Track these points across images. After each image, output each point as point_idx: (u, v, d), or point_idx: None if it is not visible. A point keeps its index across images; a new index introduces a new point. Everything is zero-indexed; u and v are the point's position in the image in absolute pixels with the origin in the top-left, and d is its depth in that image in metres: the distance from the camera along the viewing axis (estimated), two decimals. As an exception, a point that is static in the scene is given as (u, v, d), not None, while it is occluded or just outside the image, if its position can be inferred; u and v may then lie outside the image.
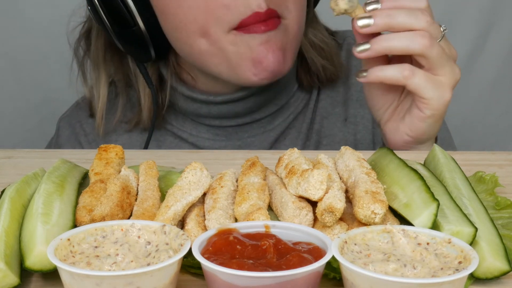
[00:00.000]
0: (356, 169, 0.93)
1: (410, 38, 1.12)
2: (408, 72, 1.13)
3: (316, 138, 1.47)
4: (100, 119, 1.47)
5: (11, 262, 0.81)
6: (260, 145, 1.46)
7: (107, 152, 1.03)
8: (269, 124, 1.46)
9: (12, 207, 0.89)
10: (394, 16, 1.11)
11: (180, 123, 1.48)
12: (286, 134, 1.47)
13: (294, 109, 1.48)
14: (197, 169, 0.92)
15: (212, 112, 1.44)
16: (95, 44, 1.46)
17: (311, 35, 1.45)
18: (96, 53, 1.46)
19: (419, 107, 1.17)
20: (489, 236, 0.84)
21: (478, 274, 0.81)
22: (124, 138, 1.49)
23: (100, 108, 1.47)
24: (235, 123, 1.45)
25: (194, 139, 1.47)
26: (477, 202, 0.91)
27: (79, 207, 0.90)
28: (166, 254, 0.76)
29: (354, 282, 0.73)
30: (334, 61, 1.47)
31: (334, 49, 1.48)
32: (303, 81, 1.47)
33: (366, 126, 1.48)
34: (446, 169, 0.98)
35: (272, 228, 0.82)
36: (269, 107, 1.45)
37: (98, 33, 1.45)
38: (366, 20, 1.11)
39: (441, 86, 1.15)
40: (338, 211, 0.82)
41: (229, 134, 1.46)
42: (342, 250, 0.76)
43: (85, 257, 0.77)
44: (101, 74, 1.46)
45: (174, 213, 0.85)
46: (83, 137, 1.51)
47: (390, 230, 0.80)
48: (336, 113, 1.49)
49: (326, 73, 1.47)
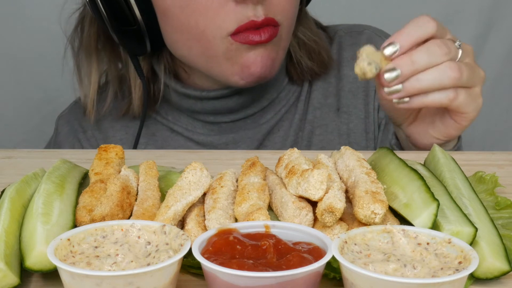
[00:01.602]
0: (356, 169, 0.93)
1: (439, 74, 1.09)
2: (452, 94, 1.11)
3: (309, 128, 1.50)
4: (91, 105, 1.49)
5: (11, 262, 0.81)
6: (254, 138, 1.49)
7: (107, 152, 1.03)
8: (261, 118, 1.49)
9: (12, 207, 0.89)
10: (417, 61, 1.08)
11: (176, 118, 1.50)
12: (279, 126, 1.50)
13: (285, 103, 1.50)
14: (197, 169, 0.92)
15: (206, 108, 1.46)
16: (88, 31, 1.48)
17: (300, 34, 1.48)
18: (88, 40, 1.48)
19: (455, 120, 1.18)
20: (489, 236, 0.84)
21: (478, 274, 0.81)
22: (121, 133, 1.51)
23: (91, 95, 1.49)
24: (228, 119, 1.48)
25: (190, 134, 1.50)
26: (477, 202, 0.91)
27: (79, 207, 0.90)
28: (166, 254, 0.76)
29: (354, 282, 0.73)
30: (323, 57, 1.49)
31: (322, 44, 1.51)
32: (292, 75, 1.50)
33: (359, 115, 1.50)
34: (446, 169, 0.98)
35: (272, 228, 0.82)
36: (261, 101, 1.48)
37: (91, 21, 1.47)
38: (393, 73, 1.07)
39: (476, 96, 1.15)
40: (338, 211, 0.82)
41: (223, 129, 1.49)
42: (342, 250, 0.76)
43: (85, 257, 0.77)
44: (93, 61, 1.48)
45: (174, 213, 0.85)
46: (82, 134, 1.53)
47: (390, 230, 0.80)
48: (329, 103, 1.51)
49: (313, 73, 1.50)
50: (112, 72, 1.50)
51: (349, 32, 1.57)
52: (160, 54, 1.44)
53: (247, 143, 1.48)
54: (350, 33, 1.57)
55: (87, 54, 1.48)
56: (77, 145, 1.52)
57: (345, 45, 1.55)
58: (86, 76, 1.49)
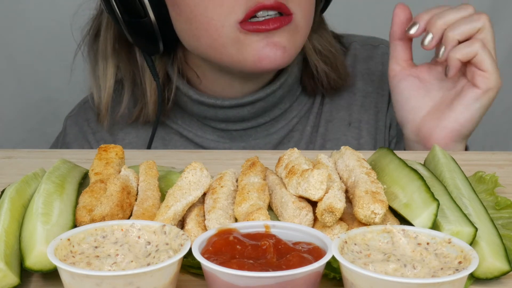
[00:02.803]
0: (356, 169, 0.93)
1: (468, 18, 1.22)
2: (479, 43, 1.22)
3: (320, 141, 1.48)
4: (105, 110, 1.48)
5: (11, 262, 0.81)
6: (264, 148, 1.47)
7: (107, 152, 1.03)
8: (272, 128, 1.48)
9: (12, 207, 0.89)
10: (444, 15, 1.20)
11: (187, 123, 1.49)
12: (290, 137, 1.48)
13: (297, 113, 1.49)
14: (197, 169, 0.92)
15: (218, 116, 1.45)
16: (104, 34, 1.47)
17: (315, 42, 1.46)
18: (105, 44, 1.47)
19: (476, 83, 1.23)
20: (489, 236, 0.84)
21: (478, 274, 0.81)
22: (131, 136, 1.49)
23: (105, 100, 1.47)
24: (240, 127, 1.46)
25: (199, 140, 1.48)
26: (477, 202, 0.91)
27: (79, 207, 0.90)
28: (166, 254, 0.76)
29: (354, 282, 0.73)
30: (338, 70, 1.48)
31: (339, 57, 1.49)
32: (306, 86, 1.48)
33: (370, 131, 1.49)
34: (446, 169, 0.98)
35: (272, 228, 0.82)
36: (274, 111, 1.46)
37: (108, 25, 1.46)
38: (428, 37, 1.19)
39: (496, 68, 1.25)
40: (338, 211, 0.82)
41: (233, 137, 1.47)
42: (342, 250, 0.76)
43: (85, 257, 0.77)
44: (109, 65, 1.47)
45: (174, 213, 0.85)
46: (91, 135, 1.51)
47: (390, 230, 0.80)
48: (340, 117, 1.49)
49: (330, 81, 1.47)
50: (127, 77, 1.48)
51: (364, 45, 1.55)
52: (175, 55, 1.44)
53: None
54: (366, 46, 1.55)
55: (103, 59, 1.47)
56: (86, 146, 1.52)
57: (360, 58, 1.53)
58: (102, 81, 1.48)
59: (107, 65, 1.47)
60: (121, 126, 1.50)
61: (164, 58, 1.45)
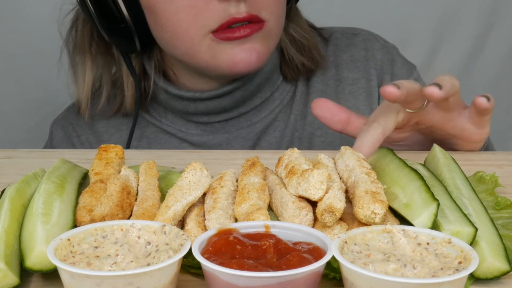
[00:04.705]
0: (356, 169, 0.93)
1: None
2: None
3: (309, 129, 1.50)
4: (85, 104, 1.51)
5: (11, 262, 0.81)
6: (247, 137, 1.49)
7: (107, 152, 1.03)
8: (255, 117, 1.50)
9: (12, 207, 0.89)
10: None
11: (170, 120, 1.52)
12: (274, 126, 1.51)
13: (279, 102, 1.51)
14: (197, 169, 0.92)
15: (199, 109, 1.47)
16: (81, 30, 1.50)
17: (291, 31, 1.49)
18: (82, 40, 1.50)
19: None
20: (489, 236, 0.84)
21: (478, 274, 0.81)
22: (116, 137, 1.52)
23: (85, 94, 1.51)
24: (222, 118, 1.49)
25: (183, 135, 1.51)
26: (477, 202, 0.91)
27: (79, 207, 0.90)
28: (166, 254, 0.76)
29: (354, 282, 0.73)
30: (313, 54, 1.51)
31: (314, 42, 1.52)
32: (286, 73, 1.51)
33: None
34: (446, 169, 0.98)
35: (272, 228, 0.82)
36: (254, 100, 1.49)
37: (85, 21, 1.49)
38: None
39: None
40: (338, 211, 0.82)
41: (216, 129, 1.50)
42: (342, 250, 0.76)
43: (85, 257, 0.77)
44: (87, 60, 1.50)
45: (174, 213, 0.85)
46: (76, 138, 1.55)
47: (390, 230, 0.80)
48: None
49: (306, 68, 1.51)
50: (105, 71, 1.52)
51: (345, 34, 1.58)
52: (151, 53, 1.47)
53: (241, 143, 1.49)
54: (346, 34, 1.58)
55: (81, 53, 1.51)
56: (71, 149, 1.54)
57: (341, 46, 1.56)
58: (81, 75, 1.51)
59: (85, 59, 1.51)
60: (105, 127, 1.53)
61: (141, 55, 1.48)
